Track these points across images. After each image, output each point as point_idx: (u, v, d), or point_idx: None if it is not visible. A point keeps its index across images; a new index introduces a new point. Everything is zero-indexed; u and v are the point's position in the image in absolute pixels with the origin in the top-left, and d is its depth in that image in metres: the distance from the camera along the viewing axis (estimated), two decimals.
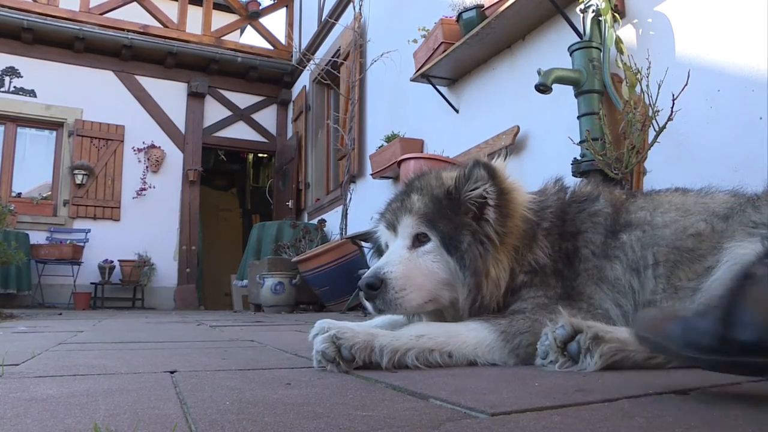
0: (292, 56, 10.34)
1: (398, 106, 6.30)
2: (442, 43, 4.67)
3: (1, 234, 6.35)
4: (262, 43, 10.66)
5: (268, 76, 10.36)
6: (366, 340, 1.18)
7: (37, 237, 8.51)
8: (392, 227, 1.47)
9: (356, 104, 7.22)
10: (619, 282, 1.36)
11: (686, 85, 2.61)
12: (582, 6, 3.34)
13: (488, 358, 1.24)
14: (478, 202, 1.38)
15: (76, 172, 8.97)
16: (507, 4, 3.89)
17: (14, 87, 8.96)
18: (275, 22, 12.94)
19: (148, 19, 9.63)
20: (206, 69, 9.88)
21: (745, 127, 2.68)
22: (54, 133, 9.34)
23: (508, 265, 1.37)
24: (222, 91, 10.13)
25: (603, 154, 2.84)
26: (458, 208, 1.38)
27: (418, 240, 1.41)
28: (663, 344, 0.88)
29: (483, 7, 4.30)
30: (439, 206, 1.40)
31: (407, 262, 1.38)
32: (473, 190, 1.38)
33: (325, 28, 8.81)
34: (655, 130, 2.74)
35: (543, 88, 3.09)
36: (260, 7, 10.51)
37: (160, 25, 9.67)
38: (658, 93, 2.74)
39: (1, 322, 3.87)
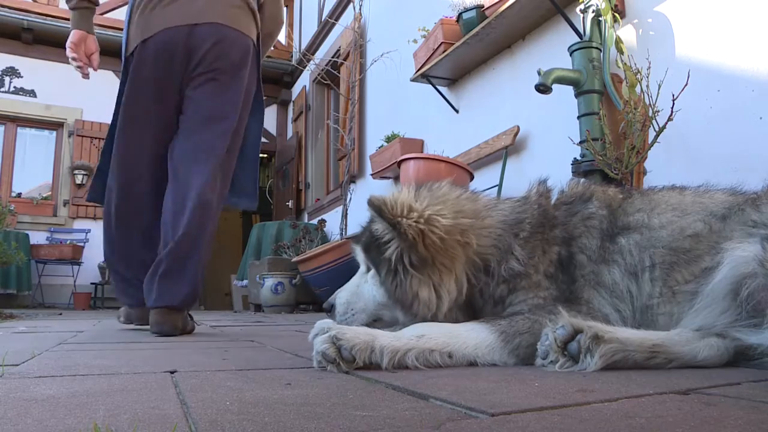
0: (292, 56, 10.34)
1: (398, 106, 6.30)
2: (442, 43, 4.67)
3: (1, 234, 6.35)
4: None
5: (268, 76, 10.35)
6: (366, 340, 1.18)
7: (37, 237, 8.51)
8: (355, 253, 1.64)
9: (356, 104, 7.22)
10: (618, 287, 1.35)
11: (686, 85, 2.62)
12: (582, 6, 3.34)
13: (488, 358, 1.24)
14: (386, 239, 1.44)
15: (76, 172, 8.98)
16: (507, 4, 3.89)
17: (14, 87, 8.97)
18: None
19: None
20: None
21: (745, 127, 2.68)
22: (54, 133, 9.35)
23: (452, 283, 1.39)
24: None
25: (603, 155, 2.84)
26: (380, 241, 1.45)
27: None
28: None
29: (483, 7, 4.30)
30: (371, 238, 1.48)
31: (354, 288, 1.59)
32: (376, 230, 1.44)
33: (325, 28, 8.81)
34: (655, 130, 2.74)
35: (543, 88, 3.09)
36: None
37: None
38: (658, 93, 2.74)
39: (1, 322, 3.87)
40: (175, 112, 2.49)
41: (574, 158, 3.15)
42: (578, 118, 3.21)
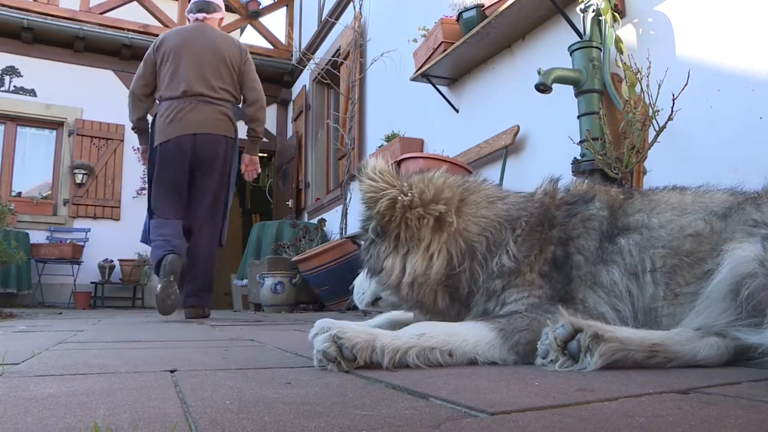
0: (292, 56, 10.34)
1: (398, 105, 6.30)
2: (442, 42, 4.67)
3: (1, 233, 6.35)
4: (263, 43, 10.67)
5: (268, 75, 10.34)
6: (367, 339, 1.18)
7: (37, 236, 8.51)
8: None
9: (356, 104, 7.22)
10: (616, 287, 1.35)
11: (686, 84, 2.61)
12: (582, 5, 3.34)
13: (488, 355, 1.24)
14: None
15: (76, 171, 8.97)
16: (507, 3, 3.88)
17: (14, 86, 8.96)
18: (275, 22, 12.96)
19: (148, 19, 9.63)
20: None
21: (745, 126, 2.68)
22: (54, 132, 9.34)
23: (419, 259, 1.46)
24: None
25: (603, 154, 2.84)
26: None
27: None
28: None
29: (483, 6, 4.30)
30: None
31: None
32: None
33: (325, 28, 8.81)
34: (655, 129, 2.74)
35: (543, 88, 3.09)
36: (260, 7, 10.51)
37: (160, 25, 9.67)
38: (658, 92, 2.74)
39: (2, 322, 3.87)
40: (186, 180, 4.23)
41: (574, 158, 3.15)
42: (578, 117, 3.21)
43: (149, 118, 4.49)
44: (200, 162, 4.18)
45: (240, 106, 4.45)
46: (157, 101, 4.36)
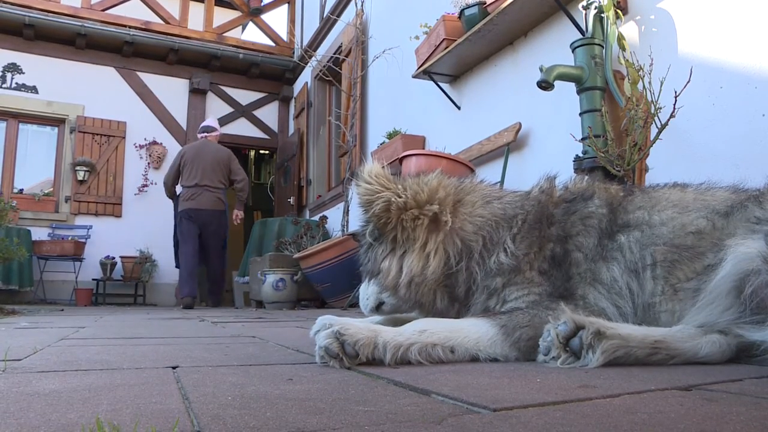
0: (293, 53, 10.33)
1: (400, 102, 6.29)
2: (444, 39, 4.66)
3: (3, 230, 6.35)
4: (264, 40, 10.65)
5: (270, 72, 10.34)
6: (369, 336, 1.18)
7: (39, 233, 8.52)
8: None
9: (358, 101, 7.21)
10: (616, 283, 1.34)
11: (688, 82, 2.61)
12: (584, 2, 3.33)
13: (490, 352, 1.25)
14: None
15: (77, 168, 8.97)
16: (509, 0, 3.88)
17: (16, 83, 8.96)
18: (277, 19, 12.94)
19: (149, 16, 9.61)
20: (208, 65, 9.87)
21: (747, 124, 2.67)
22: (56, 129, 9.34)
23: (415, 259, 1.47)
24: (224, 88, 10.12)
25: (605, 151, 2.83)
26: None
27: None
28: None
29: (485, 3, 4.29)
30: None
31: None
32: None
33: (326, 25, 8.80)
34: (657, 127, 2.74)
35: (545, 85, 3.08)
36: (262, 4, 10.49)
37: (161, 22, 9.66)
38: (660, 90, 2.73)
39: (4, 318, 3.88)
40: (197, 231, 7.07)
41: (576, 155, 3.15)
42: (580, 114, 3.21)
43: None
44: (204, 224, 7.05)
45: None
46: (180, 187, 7.32)
